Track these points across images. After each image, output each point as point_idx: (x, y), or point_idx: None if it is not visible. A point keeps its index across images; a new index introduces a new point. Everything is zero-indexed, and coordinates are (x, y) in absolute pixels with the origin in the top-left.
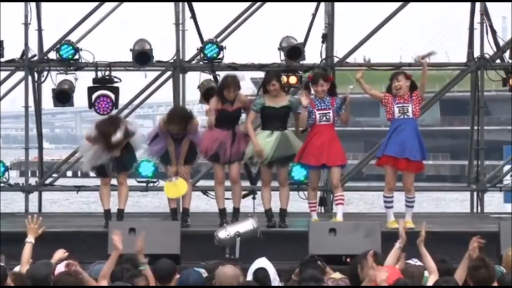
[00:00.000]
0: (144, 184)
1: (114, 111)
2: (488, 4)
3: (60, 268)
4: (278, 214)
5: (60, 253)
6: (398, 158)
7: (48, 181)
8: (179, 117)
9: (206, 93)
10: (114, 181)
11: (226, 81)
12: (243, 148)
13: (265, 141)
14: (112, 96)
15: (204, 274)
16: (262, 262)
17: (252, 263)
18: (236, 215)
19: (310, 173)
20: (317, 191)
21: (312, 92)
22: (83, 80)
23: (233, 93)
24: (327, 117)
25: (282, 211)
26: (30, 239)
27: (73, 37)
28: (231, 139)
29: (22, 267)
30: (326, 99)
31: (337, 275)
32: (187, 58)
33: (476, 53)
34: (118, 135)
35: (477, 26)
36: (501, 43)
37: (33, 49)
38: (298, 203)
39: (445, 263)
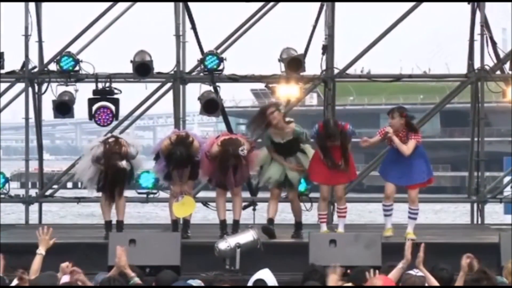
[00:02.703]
0: (145, 196)
1: (114, 123)
2: (488, 15)
3: (66, 280)
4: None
5: (64, 266)
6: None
7: (48, 192)
8: (180, 144)
9: (207, 105)
10: None
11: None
12: (247, 174)
13: (276, 167)
14: (113, 107)
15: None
16: (263, 273)
17: (252, 275)
18: (236, 227)
19: (320, 186)
20: (315, 203)
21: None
22: (83, 92)
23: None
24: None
25: (297, 224)
26: (41, 250)
27: (73, 49)
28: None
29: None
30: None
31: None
32: (187, 69)
33: (476, 64)
34: (123, 163)
35: (477, 37)
36: (501, 55)
37: (34, 61)
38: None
39: (445, 271)
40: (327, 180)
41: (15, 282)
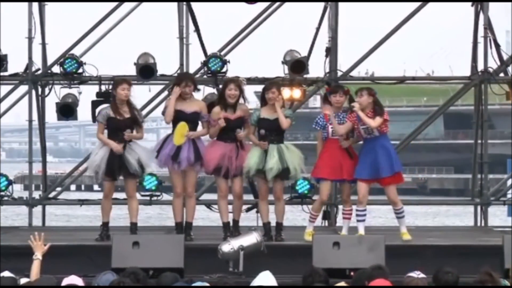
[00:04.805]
0: (148, 198)
1: None
2: (492, 17)
3: (68, 281)
4: (274, 227)
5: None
6: (371, 179)
7: (51, 194)
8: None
9: (210, 107)
10: (116, 195)
11: (227, 80)
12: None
13: (269, 158)
14: None
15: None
16: (264, 276)
17: (256, 277)
18: (236, 227)
19: (320, 185)
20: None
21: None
22: (86, 94)
23: (234, 91)
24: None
25: (278, 225)
26: (38, 256)
27: (76, 51)
28: (235, 152)
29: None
30: (341, 114)
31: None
32: (191, 71)
33: (480, 66)
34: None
35: (480, 40)
36: (505, 57)
37: (37, 63)
38: (302, 216)
39: (450, 274)
40: (326, 175)
41: (22, 282)
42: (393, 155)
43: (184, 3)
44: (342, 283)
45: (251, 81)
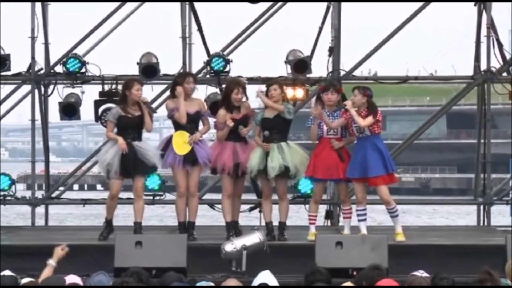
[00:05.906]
0: (151, 197)
1: None
2: (495, 17)
3: (72, 280)
4: (277, 227)
5: (59, 251)
6: (362, 178)
7: (54, 194)
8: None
9: (213, 106)
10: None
11: (232, 83)
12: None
13: (270, 157)
14: None
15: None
16: (265, 275)
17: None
18: (236, 228)
19: (314, 185)
20: (321, 204)
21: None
22: (89, 93)
23: (240, 95)
24: (335, 130)
25: (281, 224)
26: (53, 262)
27: (79, 51)
28: (243, 151)
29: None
30: (336, 112)
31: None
32: (193, 71)
33: (483, 66)
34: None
35: (483, 39)
36: (508, 56)
37: (40, 63)
38: (305, 216)
39: (445, 280)
40: (320, 174)
41: (23, 281)
42: (385, 155)
43: (187, 2)
44: (348, 283)
45: (253, 80)
